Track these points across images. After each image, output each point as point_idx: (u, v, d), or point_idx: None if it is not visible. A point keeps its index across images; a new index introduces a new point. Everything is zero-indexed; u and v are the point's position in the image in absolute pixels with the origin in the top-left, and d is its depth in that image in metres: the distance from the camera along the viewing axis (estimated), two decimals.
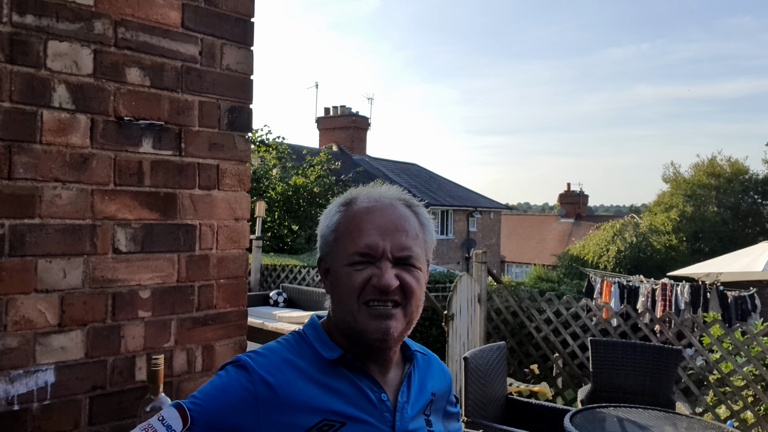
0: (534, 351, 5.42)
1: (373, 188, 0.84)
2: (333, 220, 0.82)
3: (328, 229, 0.82)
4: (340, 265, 0.79)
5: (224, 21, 1.41)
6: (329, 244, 0.82)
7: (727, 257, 8.24)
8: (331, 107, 23.55)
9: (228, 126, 1.42)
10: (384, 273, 0.77)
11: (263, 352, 0.80)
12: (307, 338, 0.83)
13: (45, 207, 1.14)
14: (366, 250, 0.77)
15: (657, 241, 17.83)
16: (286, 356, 0.79)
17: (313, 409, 0.75)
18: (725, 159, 20.36)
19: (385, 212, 0.80)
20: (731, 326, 4.48)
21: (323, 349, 0.80)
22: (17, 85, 1.11)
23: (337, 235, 0.81)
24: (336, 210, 0.83)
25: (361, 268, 0.78)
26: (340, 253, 0.80)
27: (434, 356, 0.96)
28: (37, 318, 1.13)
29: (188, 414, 0.74)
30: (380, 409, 0.79)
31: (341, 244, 0.80)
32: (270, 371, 0.77)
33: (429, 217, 0.86)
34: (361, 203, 0.82)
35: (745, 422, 4.02)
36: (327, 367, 0.79)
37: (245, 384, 0.75)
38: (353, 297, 0.78)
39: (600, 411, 2.69)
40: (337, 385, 0.78)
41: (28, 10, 1.13)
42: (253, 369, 0.76)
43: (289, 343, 0.82)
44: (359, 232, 0.78)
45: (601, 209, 73.03)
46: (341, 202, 0.84)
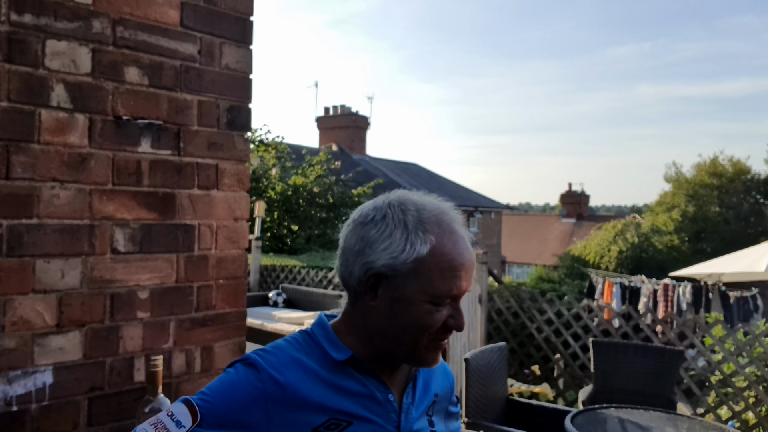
0: (535, 352, 5.41)
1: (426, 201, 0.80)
2: (417, 250, 0.76)
3: (406, 254, 0.76)
4: (417, 297, 0.76)
5: (223, 20, 1.40)
6: (404, 269, 0.76)
7: (730, 257, 8.22)
8: (330, 107, 23.56)
9: (227, 125, 1.41)
10: (461, 315, 0.78)
11: (272, 350, 0.80)
12: (316, 337, 0.83)
13: (43, 207, 1.14)
14: (456, 293, 0.77)
15: (659, 242, 17.80)
16: (294, 355, 0.80)
17: (320, 407, 0.76)
18: (727, 159, 20.32)
19: (467, 250, 0.79)
20: (733, 327, 4.47)
21: (332, 350, 0.81)
22: (15, 85, 1.11)
23: (420, 266, 0.76)
24: (423, 239, 0.76)
25: (441, 307, 0.77)
26: (422, 285, 0.76)
27: (442, 364, 0.96)
28: (35, 319, 1.13)
29: (197, 410, 0.74)
30: (387, 409, 0.81)
31: (427, 279, 0.76)
32: (279, 369, 0.77)
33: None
34: (446, 233, 0.77)
35: (746, 423, 4.00)
36: (335, 367, 0.80)
37: (254, 382, 0.76)
38: (425, 334, 0.77)
39: (601, 412, 2.68)
40: (345, 384, 0.79)
41: (26, 9, 1.12)
42: (262, 367, 0.77)
43: (298, 341, 0.82)
44: (453, 273, 0.76)
45: (602, 209, 72.98)
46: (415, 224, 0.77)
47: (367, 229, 0.79)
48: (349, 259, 0.80)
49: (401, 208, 0.79)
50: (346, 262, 0.81)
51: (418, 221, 0.78)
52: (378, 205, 0.81)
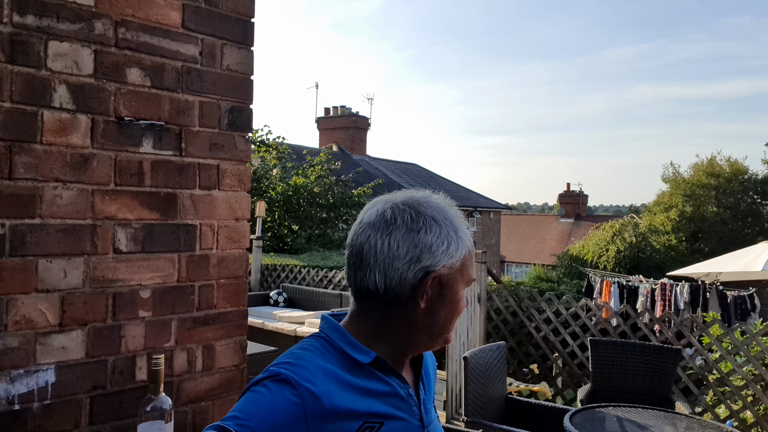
0: (533, 351, 5.43)
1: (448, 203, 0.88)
2: (461, 250, 0.85)
3: (457, 252, 0.84)
4: (460, 287, 0.85)
5: (224, 21, 1.41)
6: (455, 266, 0.84)
7: (727, 257, 8.25)
8: (331, 107, 23.55)
9: (228, 126, 1.42)
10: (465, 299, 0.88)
11: (297, 362, 0.78)
12: (335, 342, 0.82)
13: (45, 207, 1.15)
14: (473, 279, 0.88)
15: (656, 241, 17.83)
16: (321, 363, 0.79)
17: (354, 413, 0.77)
18: (725, 159, 20.36)
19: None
20: (731, 326, 4.49)
21: (355, 353, 0.81)
22: (18, 86, 1.11)
23: (463, 262, 0.85)
24: (464, 235, 0.86)
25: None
26: (464, 275, 0.85)
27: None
28: (38, 318, 1.14)
29: None
30: (410, 403, 0.83)
31: (464, 272, 0.85)
32: (312, 381, 0.76)
33: None
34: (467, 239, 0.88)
35: (744, 422, 4.02)
36: (357, 370, 0.80)
37: (292, 398, 0.73)
38: (458, 316, 0.87)
39: (599, 411, 2.69)
40: (371, 386, 0.80)
41: (29, 11, 1.13)
42: (297, 382, 0.74)
43: (318, 349, 0.81)
44: (473, 263, 0.89)
45: (600, 209, 73.05)
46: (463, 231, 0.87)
47: (422, 235, 0.81)
48: (397, 267, 0.80)
49: (440, 209, 0.85)
50: (390, 269, 0.80)
51: (455, 220, 0.86)
52: (417, 209, 0.83)
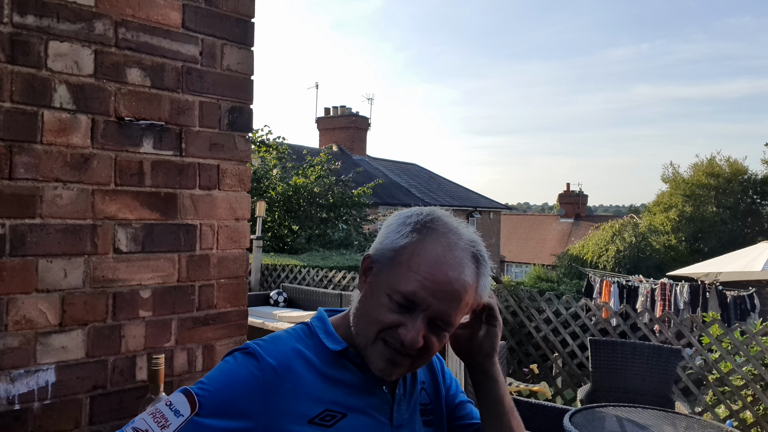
0: (533, 350, 5.43)
1: (450, 223, 0.79)
2: (401, 240, 0.77)
3: (394, 243, 0.78)
4: (383, 287, 0.77)
5: (224, 21, 1.41)
6: (385, 256, 0.78)
7: (726, 257, 8.25)
8: (331, 107, 23.55)
9: (228, 126, 1.42)
10: (412, 331, 0.74)
11: (271, 340, 0.81)
12: (314, 329, 0.84)
13: (46, 207, 1.15)
14: (413, 298, 0.74)
15: (656, 241, 17.84)
16: (293, 346, 0.80)
17: (317, 398, 0.77)
18: (724, 159, 20.37)
19: (452, 272, 0.75)
20: (730, 326, 4.49)
21: (328, 341, 0.81)
22: (18, 86, 1.11)
23: (397, 256, 0.77)
24: (410, 229, 0.77)
25: (397, 309, 0.75)
26: (390, 276, 0.76)
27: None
28: (38, 318, 1.14)
29: (196, 399, 0.75)
30: (381, 400, 0.81)
31: (396, 270, 0.76)
32: (278, 359, 0.77)
33: (489, 272, 0.81)
34: (433, 243, 0.76)
35: (744, 422, 4.02)
36: (331, 359, 0.80)
37: (253, 371, 0.76)
38: (374, 328, 0.77)
39: (599, 410, 2.69)
40: (341, 376, 0.80)
41: (29, 11, 1.13)
42: (261, 356, 0.77)
43: (297, 333, 0.83)
44: (417, 276, 0.74)
45: (600, 209, 73.09)
46: (415, 224, 0.78)
47: (387, 224, 0.83)
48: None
49: (429, 217, 0.79)
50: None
51: (421, 223, 0.78)
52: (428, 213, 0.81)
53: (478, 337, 0.85)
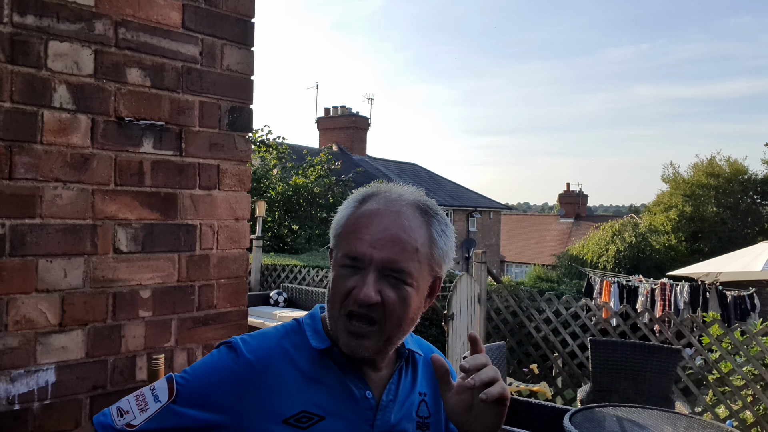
0: (533, 351, 5.43)
1: (394, 188, 0.80)
2: (344, 214, 0.79)
3: (338, 222, 0.80)
4: (337, 263, 0.77)
5: (224, 21, 1.41)
6: (336, 237, 0.79)
7: (727, 257, 8.25)
8: (331, 107, 23.56)
9: (228, 126, 1.42)
10: (365, 285, 0.73)
11: (257, 335, 0.81)
12: (303, 327, 0.82)
13: (46, 207, 1.15)
14: (355, 255, 0.74)
15: (656, 241, 17.84)
16: (278, 342, 0.79)
17: (294, 398, 0.75)
18: (724, 159, 20.36)
19: (388, 219, 0.75)
20: (730, 326, 4.49)
21: (313, 339, 0.79)
22: (18, 86, 1.11)
23: (342, 231, 0.78)
24: (351, 204, 0.80)
25: (349, 273, 0.75)
26: (339, 250, 0.78)
27: (431, 354, 0.86)
28: (38, 318, 1.14)
29: (175, 387, 0.76)
30: (362, 406, 0.78)
31: (342, 242, 0.78)
32: (258, 355, 0.77)
33: (446, 228, 0.80)
34: (372, 204, 0.78)
35: (744, 422, 4.02)
36: (316, 358, 0.78)
37: (231, 365, 0.76)
38: (338, 302, 0.76)
39: (599, 410, 2.69)
40: (323, 377, 0.77)
41: (29, 11, 1.13)
42: (241, 351, 0.77)
43: (285, 329, 0.82)
44: (356, 235, 0.75)
45: (600, 209, 73.10)
46: (359, 197, 0.81)
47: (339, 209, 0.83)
48: None
49: (373, 189, 0.81)
50: None
51: (361, 197, 0.80)
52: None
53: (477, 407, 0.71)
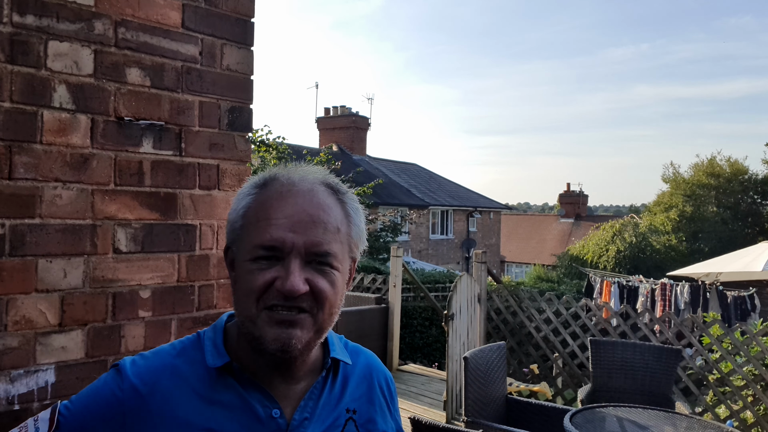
0: (534, 351, 5.43)
1: (294, 168, 0.71)
2: (242, 204, 0.69)
3: (237, 213, 0.69)
4: (243, 259, 0.67)
5: (224, 21, 1.41)
6: (236, 231, 0.69)
7: (727, 257, 8.25)
8: (331, 107, 23.57)
9: (228, 126, 1.42)
10: (290, 275, 0.64)
11: (149, 354, 0.71)
12: (203, 341, 0.72)
13: (45, 207, 1.15)
14: (271, 243, 0.65)
15: (656, 241, 17.84)
16: (171, 361, 0.69)
17: (187, 424, 0.66)
18: (725, 159, 20.38)
19: (302, 199, 0.67)
20: (731, 326, 4.49)
21: (210, 355, 0.69)
22: (18, 85, 1.11)
23: (245, 221, 0.68)
24: (249, 191, 0.70)
25: (265, 266, 0.65)
26: (245, 244, 0.67)
27: (368, 363, 0.80)
28: (38, 318, 1.14)
29: (57, 418, 0.68)
30: (268, 427, 0.68)
31: (247, 234, 0.67)
32: (144, 378, 0.67)
33: (358, 206, 0.73)
34: (276, 186, 0.68)
35: (744, 422, 4.02)
36: (214, 377, 0.68)
37: (115, 392, 0.67)
38: (252, 300, 0.65)
39: (600, 411, 2.69)
40: (222, 397, 0.67)
41: (29, 11, 1.13)
42: (126, 375, 0.68)
43: (183, 345, 0.72)
44: (267, 222, 0.66)
45: (600, 209, 73.11)
46: (255, 182, 0.71)
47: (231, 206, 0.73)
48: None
49: (269, 174, 0.71)
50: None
51: (258, 181, 0.70)
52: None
53: None
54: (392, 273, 5.82)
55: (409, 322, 7.83)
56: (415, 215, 19.52)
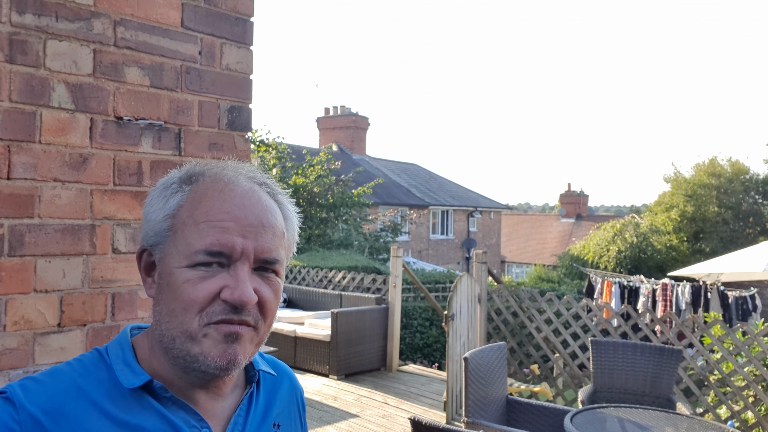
0: (534, 351, 5.42)
1: (219, 163, 0.64)
2: (171, 202, 0.61)
3: (161, 212, 0.61)
4: (176, 265, 0.59)
5: (224, 20, 1.41)
6: (160, 233, 0.61)
7: (728, 257, 8.24)
8: (331, 107, 23.58)
9: (227, 126, 1.42)
10: (241, 284, 0.58)
11: (44, 378, 0.60)
12: (108, 359, 0.63)
13: (44, 207, 1.14)
14: (219, 248, 0.58)
15: (657, 241, 17.82)
16: (74, 384, 0.60)
17: None
18: (726, 159, 20.35)
19: (247, 200, 0.60)
20: (732, 326, 4.48)
21: (123, 375, 0.61)
22: (16, 85, 1.11)
23: (175, 222, 0.60)
24: (175, 188, 0.62)
25: (208, 273, 0.58)
26: (178, 248, 0.59)
27: (286, 375, 0.76)
28: (37, 318, 1.13)
29: None
30: None
31: (181, 236, 0.59)
32: (44, 406, 0.57)
33: (292, 207, 0.68)
34: (208, 183, 0.61)
35: (745, 422, 4.01)
36: (128, 398, 0.60)
37: (9, 423, 0.57)
38: (192, 312, 0.58)
39: (600, 411, 2.68)
40: (140, 421, 0.59)
41: (28, 10, 1.12)
42: (21, 403, 0.57)
43: (83, 365, 0.62)
44: (210, 224, 0.58)
45: (601, 209, 73.09)
46: (181, 176, 0.63)
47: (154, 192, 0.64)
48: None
49: (178, 171, 0.64)
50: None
51: (183, 178, 0.63)
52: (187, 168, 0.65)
53: None
54: (392, 273, 5.82)
55: (409, 322, 7.83)
56: (415, 215, 19.51)
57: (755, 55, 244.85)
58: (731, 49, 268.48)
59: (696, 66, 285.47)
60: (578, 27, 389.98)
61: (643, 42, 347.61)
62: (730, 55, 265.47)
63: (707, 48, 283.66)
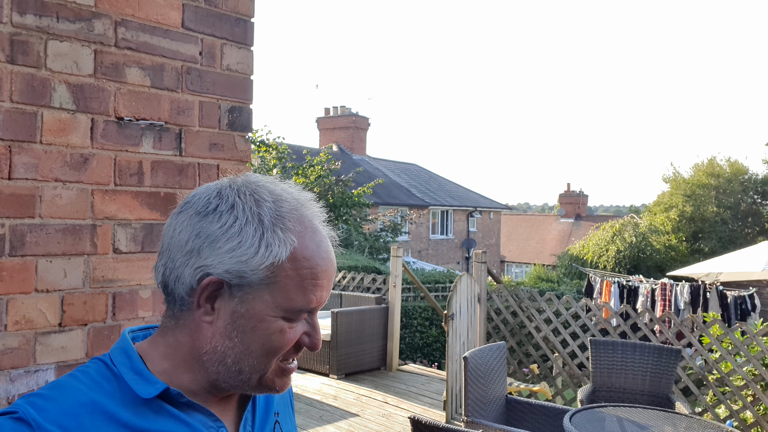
0: (534, 351, 5.43)
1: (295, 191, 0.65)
2: (274, 253, 0.60)
3: (260, 258, 0.59)
4: (270, 314, 0.60)
5: (224, 21, 1.41)
6: (257, 277, 0.60)
7: (727, 257, 8.25)
8: (331, 107, 23.58)
9: (228, 126, 1.42)
10: (317, 331, 0.63)
11: (52, 395, 0.59)
12: (116, 369, 0.62)
13: (45, 207, 1.15)
14: (316, 305, 0.62)
15: (656, 241, 17.84)
16: (86, 397, 0.59)
17: None
18: (725, 159, 20.37)
19: (330, 251, 0.64)
20: (731, 326, 4.49)
21: (137, 384, 0.61)
22: (17, 85, 1.11)
23: (277, 274, 0.60)
24: (282, 239, 0.60)
25: (295, 323, 0.62)
26: (275, 298, 0.60)
27: None
28: (38, 318, 1.14)
29: None
30: None
31: (282, 288, 0.60)
32: (62, 423, 0.56)
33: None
34: (312, 234, 0.62)
35: (744, 422, 4.02)
36: (142, 406, 0.60)
37: None
38: (274, 357, 0.61)
39: (599, 411, 2.69)
40: (160, 427, 0.60)
41: (29, 10, 1.13)
42: (38, 424, 0.55)
43: (90, 377, 0.61)
44: (315, 283, 0.61)
45: (600, 209, 73.14)
46: (286, 227, 0.61)
47: (208, 222, 0.60)
48: (177, 260, 0.61)
49: (254, 197, 0.61)
50: (172, 262, 0.61)
51: (276, 216, 0.61)
52: (223, 190, 0.62)
53: None
54: (392, 273, 5.83)
55: (409, 322, 7.83)
56: (415, 215, 19.52)
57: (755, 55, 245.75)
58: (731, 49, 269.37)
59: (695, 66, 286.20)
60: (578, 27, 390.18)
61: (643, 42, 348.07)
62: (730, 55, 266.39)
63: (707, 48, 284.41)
